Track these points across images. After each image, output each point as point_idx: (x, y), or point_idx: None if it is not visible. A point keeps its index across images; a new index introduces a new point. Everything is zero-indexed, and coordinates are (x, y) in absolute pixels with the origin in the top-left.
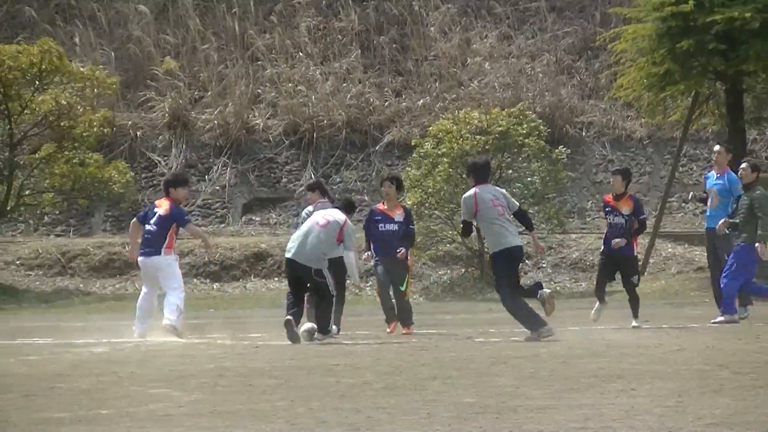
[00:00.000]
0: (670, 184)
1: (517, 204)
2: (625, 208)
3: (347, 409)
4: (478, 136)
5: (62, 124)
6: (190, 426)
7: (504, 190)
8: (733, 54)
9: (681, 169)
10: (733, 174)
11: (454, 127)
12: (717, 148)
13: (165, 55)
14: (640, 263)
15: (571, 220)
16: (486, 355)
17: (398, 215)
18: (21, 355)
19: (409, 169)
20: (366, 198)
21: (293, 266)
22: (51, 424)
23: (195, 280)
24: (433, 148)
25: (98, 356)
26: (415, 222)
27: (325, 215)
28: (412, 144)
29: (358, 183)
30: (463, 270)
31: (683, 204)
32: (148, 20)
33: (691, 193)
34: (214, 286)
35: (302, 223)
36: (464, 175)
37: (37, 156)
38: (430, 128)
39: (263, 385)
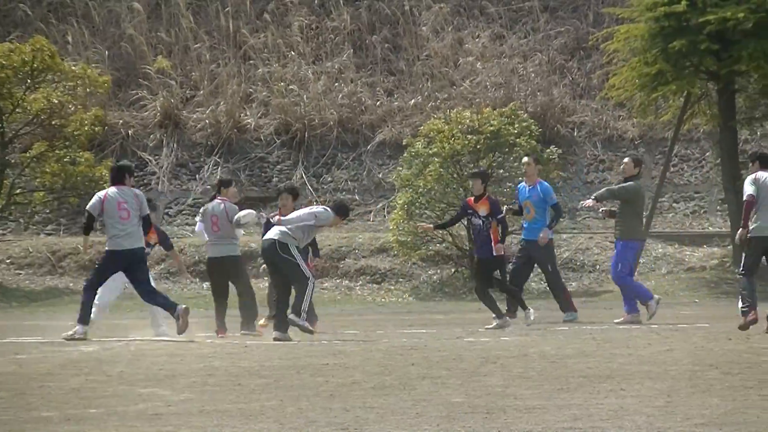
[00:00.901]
0: (661, 184)
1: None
2: (483, 209)
3: (336, 409)
4: (469, 136)
5: (54, 122)
6: (179, 425)
7: (139, 192)
8: (725, 54)
9: (672, 169)
10: (545, 183)
11: (446, 127)
12: (526, 159)
13: (158, 53)
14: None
15: (561, 219)
16: (475, 355)
17: None
18: (10, 354)
19: (401, 168)
20: (357, 198)
21: (262, 249)
22: (40, 422)
23: (185, 279)
24: (424, 147)
25: (87, 355)
26: (405, 221)
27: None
28: (404, 144)
29: (350, 182)
30: (452, 270)
31: (674, 204)
32: (141, 18)
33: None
34: (204, 286)
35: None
36: (455, 175)
37: (28, 155)
38: (422, 128)
39: (252, 385)
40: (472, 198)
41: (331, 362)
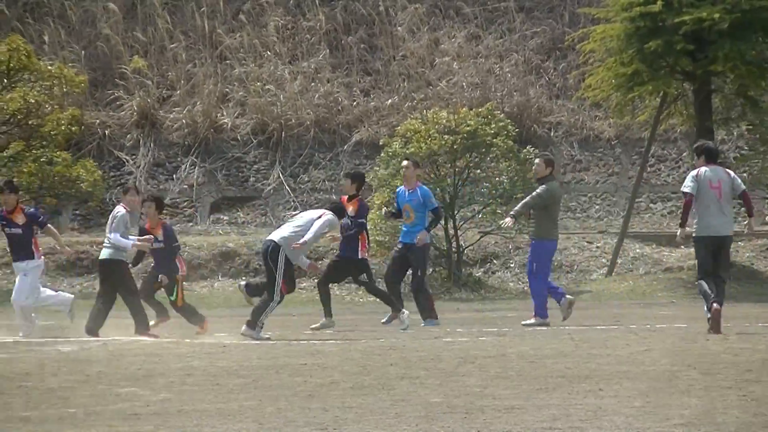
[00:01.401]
0: (638, 184)
1: None
2: (351, 209)
3: (315, 409)
4: (446, 136)
5: (30, 122)
6: (158, 425)
7: None
8: (701, 54)
9: (649, 169)
10: (424, 187)
11: (423, 127)
12: (405, 163)
13: (134, 53)
14: (608, 263)
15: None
16: (454, 355)
17: (160, 234)
18: None
19: (377, 168)
20: (334, 198)
21: (263, 248)
22: (18, 422)
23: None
24: (401, 147)
25: (66, 355)
26: (382, 221)
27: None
28: (380, 144)
29: (326, 182)
30: (430, 270)
31: (651, 204)
32: (117, 18)
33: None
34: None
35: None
36: (432, 175)
37: (5, 154)
38: (398, 128)
39: (231, 385)
40: (346, 197)
41: (309, 362)
